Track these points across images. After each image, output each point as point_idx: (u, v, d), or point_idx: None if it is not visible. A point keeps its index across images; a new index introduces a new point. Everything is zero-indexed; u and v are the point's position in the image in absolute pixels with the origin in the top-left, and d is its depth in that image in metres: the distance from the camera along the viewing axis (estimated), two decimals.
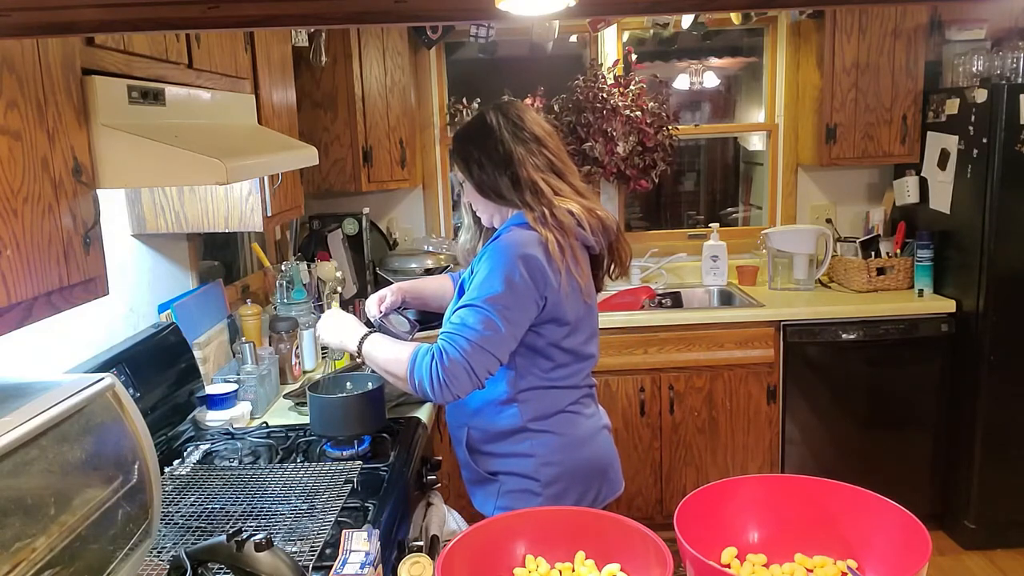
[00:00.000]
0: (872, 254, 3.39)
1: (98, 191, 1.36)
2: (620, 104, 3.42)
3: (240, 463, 1.82)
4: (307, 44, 2.90)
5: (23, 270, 1.14)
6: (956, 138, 3.07)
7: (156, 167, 1.39)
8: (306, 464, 1.77)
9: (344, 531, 1.17)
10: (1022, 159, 2.86)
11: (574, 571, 1.18)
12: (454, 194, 3.67)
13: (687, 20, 3.40)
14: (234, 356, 2.36)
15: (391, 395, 2.06)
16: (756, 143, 3.90)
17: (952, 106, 3.10)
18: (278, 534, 1.43)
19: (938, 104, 3.20)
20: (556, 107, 3.49)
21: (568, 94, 3.50)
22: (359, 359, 1.78)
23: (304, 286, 2.61)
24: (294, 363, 2.47)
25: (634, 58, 3.55)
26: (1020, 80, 2.98)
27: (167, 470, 1.74)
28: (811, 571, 1.15)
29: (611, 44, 3.57)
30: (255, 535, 1.13)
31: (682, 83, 3.84)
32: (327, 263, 2.95)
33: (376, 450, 1.87)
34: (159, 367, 1.96)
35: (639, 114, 3.44)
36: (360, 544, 1.14)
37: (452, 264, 3.19)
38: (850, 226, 3.66)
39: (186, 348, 2.10)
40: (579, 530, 1.20)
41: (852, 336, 3.12)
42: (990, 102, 2.89)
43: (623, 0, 1.01)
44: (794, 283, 3.43)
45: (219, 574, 1.26)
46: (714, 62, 3.87)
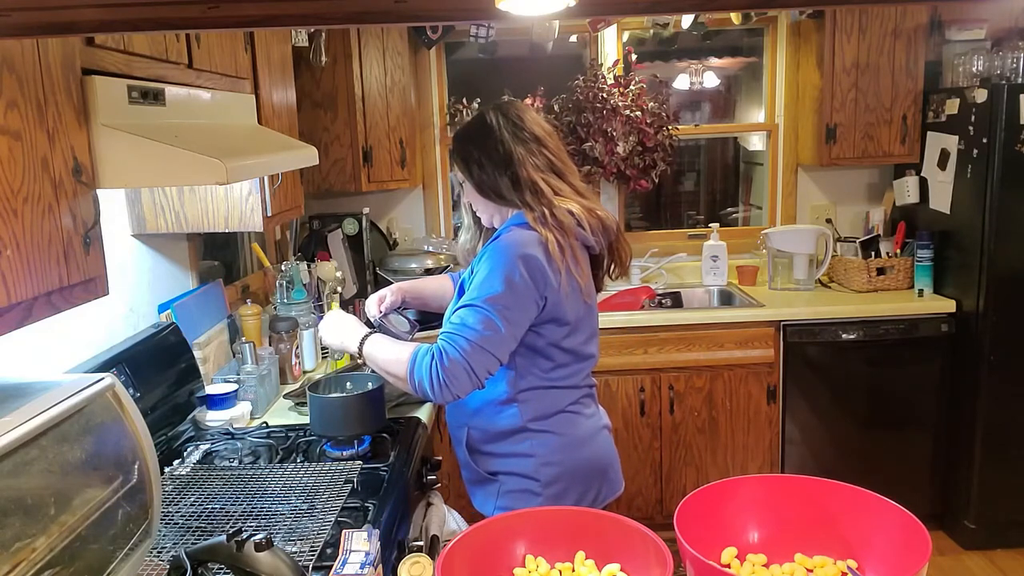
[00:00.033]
0: (872, 254, 3.39)
1: (98, 191, 1.36)
2: (620, 104, 3.42)
3: (240, 463, 1.82)
4: (307, 44, 2.90)
5: (23, 270, 1.14)
6: (956, 138, 3.07)
7: (156, 167, 1.39)
8: (306, 464, 1.77)
9: (344, 531, 1.17)
10: (1022, 159, 2.86)
11: (574, 571, 1.18)
12: (454, 194, 3.67)
13: (687, 20, 3.40)
14: (234, 356, 2.36)
15: (391, 395, 2.06)
16: (756, 143, 3.90)
17: (952, 106, 3.10)
18: (278, 534, 1.43)
19: (938, 104, 3.20)
20: (556, 107, 3.49)
21: (568, 94, 3.50)
22: (360, 360, 1.78)
23: (304, 286, 2.61)
24: (294, 363, 2.47)
25: (634, 58, 3.55)
26: (1020, 80, 2.98)
27: (167, 470, 1.74)
28: (811, 571, 1.15)
29: (611, 44, 3.57)
30: (255, 535, 1.13)
31: (682, 83, 3.84)
32: (327, 263, 2.95)
33: (376, 450, 1.87)
34: (159, 367, 1.96)
35: (639, 114, 3.44)
36: (360, 544, 1.14)
37: (452, 264, 3.19)
38: (850, 226, 3.66)
39: (186, 348, 2.10)
40: (579, 530, 1.20)
41: (852, 336, 3.12)
42: (990, 102, 2.89)
43: (623, 0, 1.01)
44: (794, 283, 3.43)
45: (219, 574, 1.26)
46: (714, 62, 3.87)
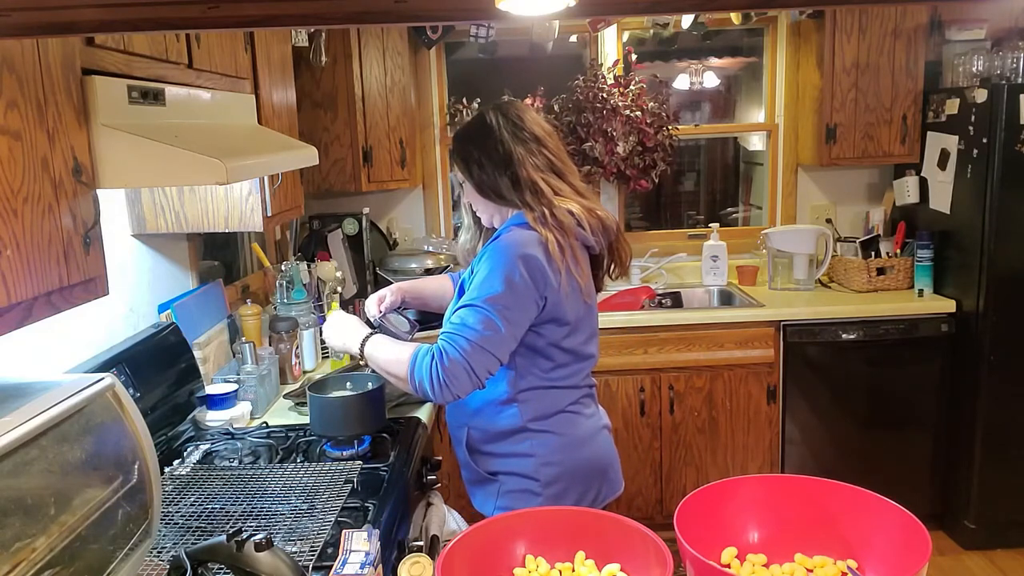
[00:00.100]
0: (872, 254, 3.39)
1: (98, 191, 1.36)
2: (620, 104, 3.42)
3: (240, 463, 1.82)
4: (307, 44, 2.90)
5: (23, 270, 1.14)
6: (956, 138, 3.07)
7: (156, 167, 1.39)
8: (306, 464, 1.77)
9: (344, 531, 1.17)
10: (1022, 159, 2.86)
11: (574, 571, 1.18)
12: (454, 194, 3.67)
13: (687, 20, 3.40)
14: (234, 356, 2.36)
15: (391, 395, 2.06)
16: (756, 143, 3.89)
17: (952, 106, 3.10)
18: (278, 534, 1.43)
19: (938, 104, 3.20)
20: (556, 107, 3.49)
21: (568, 94, 3.50)
22: (361, 361, 1.78)
23: (304, 286, 2.61)
24: (294, 363, 2.47)
25: (634, 58, 3.55)
26: (1020, 80, 2.98)
27: (167, 470, 1.74)
28: (811, 571, 1.15)
29: (611, 44, 3.57)
30: (255, 535, 1.14)
31: (682, 83, 3.84)
32: (327, 263, 2.95)
33: (376, 450, 1.87)
34: (159, 367, 1.96)
35: (639, 114, 3.44)
36: (360, 544, 1.14)
37: (452, 264, 3.19)
38: (850, 226, 3.66)
39: (186, 348, 2.10)
40: (579, 530, 1.20)
41: (852, 336, 3.12)
42: (990, 102, 2.89)
43: (623, 0, 1.01)
44: (794, 283, 3.43)
45: (219, 574, 1.26)
46: (714, 62, 3.87)
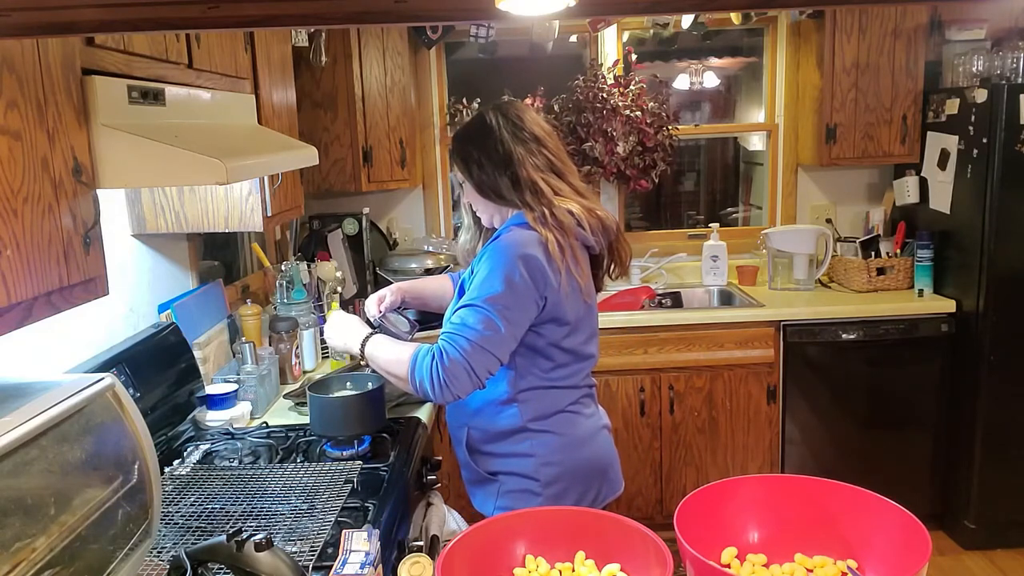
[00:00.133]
0: (872, 254, 3.39)
1: (98, 191, 1.36)
2: (620, 104, 3.42)
3: (240, 463, 1.82)
4: (307, 44, 2.90)
5: (23, 270, 1.14)
6: (956, 138, 3.07)
7: (156, 167, 1.39)
8: (306, 464, 1.77)
9: (344, 531, 1.17)
10: (1022, 159, 2.86)
11: (574, 571, 1.18)
12: (454, 194, 3.67)
13: (687, 20, 3.40)
14: (234, 356, 2.36)
15: (391, 395, 2.06)
16: (756, 143, 3.89)
17: (952, 106, 3.10)
18: (278, 534, 1.43)
19: (938, 104, 3.20)
20: (556, 107, 3.49)
21: (568, 94, 3.50)
22: (362, 361, 1.78)
23: (304, 286, 2.61)
24: (294, 363, 2.47)
25: (634, 58, 3.55)
26: (1020, 80, 2.98)
27: (167, 470, 1.74)
28: (811, 571, 1.15)
29: (611, 44, 3.57)
30: (255, 535, 1.13)
31: (682, 83, 3.84)
32: (327, 263, 2.95)
33: (376, 450, 1.87)
34: (159, 367, 1.96)
35: (639, 114, 3.44)
36: (360, 544, 1.14)
37: (452, 264, 3.19)
38: (850, 226, 3.66)
39: (186, 348, 2.10)
40: (579, 530, 1.20)
41: (852, 336, 3.12)
42: (990, 102, 2.89)
43: (623, 0, 1.01)
44: (794, 283, 3.43)
45: (219, 574, 1.26)
46: (714, 62, 3.87)
